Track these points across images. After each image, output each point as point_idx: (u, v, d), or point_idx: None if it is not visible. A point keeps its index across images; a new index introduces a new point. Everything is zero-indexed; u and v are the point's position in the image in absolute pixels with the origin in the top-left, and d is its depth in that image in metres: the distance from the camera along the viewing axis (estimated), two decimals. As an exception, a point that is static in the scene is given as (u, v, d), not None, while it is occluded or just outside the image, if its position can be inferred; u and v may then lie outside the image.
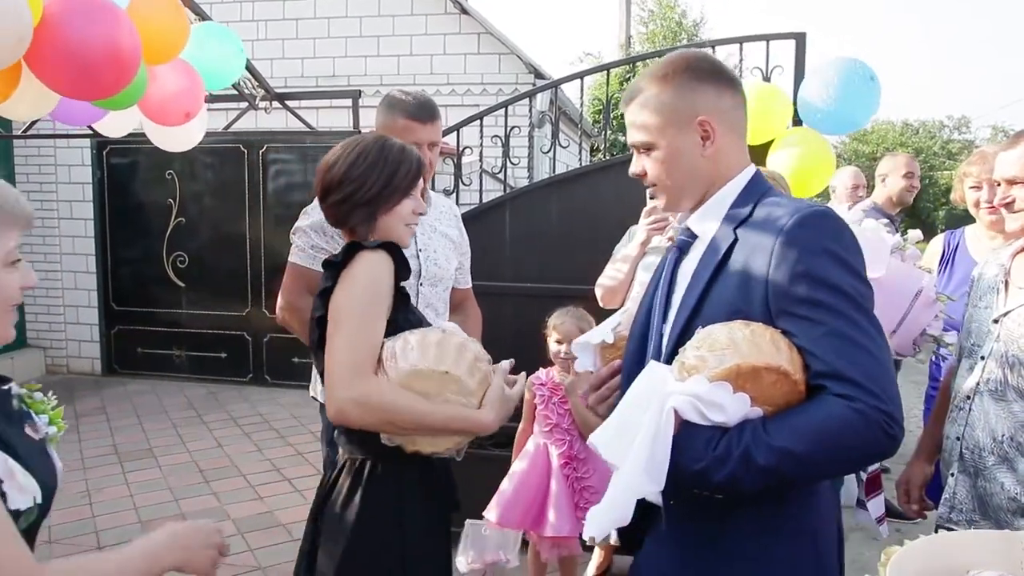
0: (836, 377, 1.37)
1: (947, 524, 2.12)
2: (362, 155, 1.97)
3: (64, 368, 8.53)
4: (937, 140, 23.37)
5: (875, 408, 1.34)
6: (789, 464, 1.36)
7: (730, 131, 1.61)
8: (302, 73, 8.09)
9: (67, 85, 2.87)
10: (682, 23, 23.18)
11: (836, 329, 1.40)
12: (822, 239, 1.45)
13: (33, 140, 7.76)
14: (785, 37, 4.00)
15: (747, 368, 1.38)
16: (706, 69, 1.61)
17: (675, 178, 1.62)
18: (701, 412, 1.38)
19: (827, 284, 1.42)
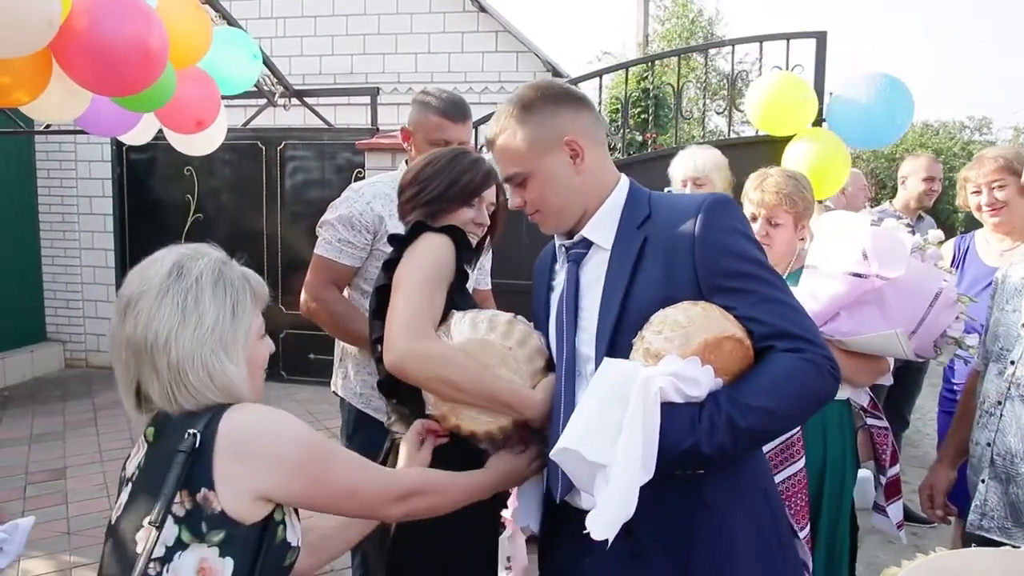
0: (781, 335, 1.55)
1: (978, 531, 2.08)
2: (433, 162, 2.08)
3: (83, 362, 8.60)
4: (957, 141, 23.12)
5: (821, 356, 1.54)
6: (768, 420, 1.52)
7: (594, 145, 1.72)
8: (320, 70, 8.11)
9: (94, 79, 2.88)
10: (697, 21, 23.06)
11: (767, 295, 1.58)
12: (733, 220, 1.64)
13: (54, 136, 7.83)
14: (806, 36, 3.99)
15: (712, 340, 1.50)
16: (560, 93, 1.72)
17: (555, 199, 1.72)
18: (680, 390, 1.47)
19: (747, 257, 1.61)
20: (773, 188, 2.60)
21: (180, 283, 1.43)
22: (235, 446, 1.36)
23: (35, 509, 4.72)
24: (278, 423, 1.43)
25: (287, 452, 1.40)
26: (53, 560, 4.07)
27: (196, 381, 1.40)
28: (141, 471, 1.43)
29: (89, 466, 5.53)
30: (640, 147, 12.69)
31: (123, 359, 1.44)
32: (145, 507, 1.36)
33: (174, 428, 1.40)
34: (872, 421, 2.64)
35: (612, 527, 1.40)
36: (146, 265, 1.48)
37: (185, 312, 1.41)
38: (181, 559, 1.33)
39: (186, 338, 1.40)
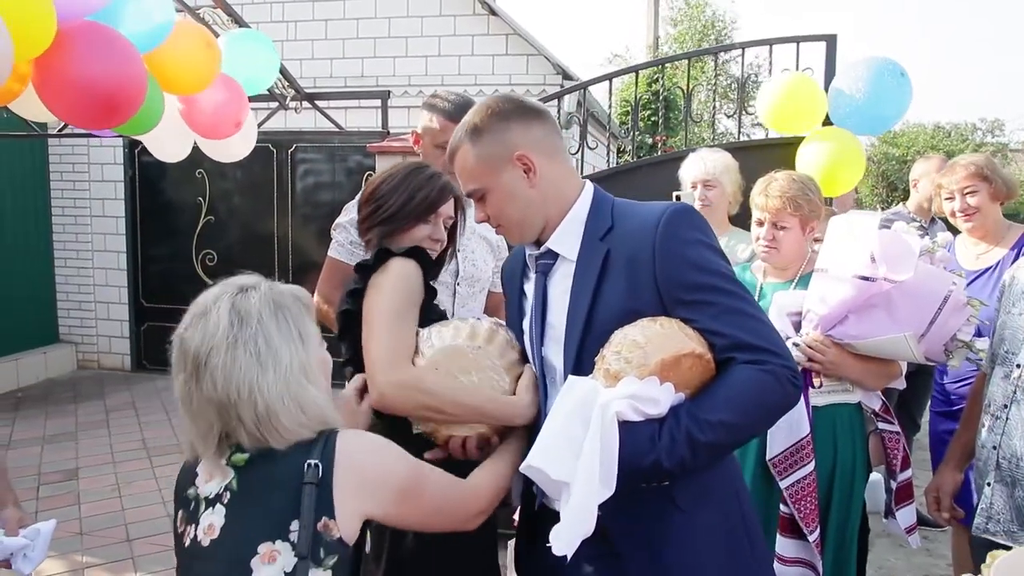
0: (742, 347, 1.56)
1: (984, 535, 2.08)
2: (389, 179, 2.12)
3: (95, 363, 8.65)
4: (969, 143, 22.98)
5: (781, 366, 1.55)
6: (727, 434, 1.54)
7: (549, 158, 1.73)
8: (331, 74, 8.13)
9: (68, 114, 2.91)
10: (712, 24, 23.04)
11: (728, 306, 1.58)
12: (693, 231, 1.63)
13: (67, 139, 7.88)
14: (816, 39, 3.98)
15: (669, 359, 1.52)
16: (509, 109, 1.74)
17: (514, 213, 1.74)
18: (638, 409, 1.50)
19: (708, 269, 1.60)
20: (777, 192, 2.59)
21: (245, 330, 1.41)
22: (354, 476, 1.41)
23: (48, 510, 4.75)
24: (384, 450, 1.50)
25: (393, 478, 1.47)
26: (66, 560, 4.10)
27: (288, 420, 1.41)
28: (237, 496, 1.42)
29: (101, 467, 5.56)
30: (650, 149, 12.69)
31: (205, 416, 1.43)
32: (258, 534, 1.38)
33: (281, 457, 1.42)
34: (884, 426, 2.63)
35: (572, 544, 1.46)
36: (199, 316, 1.46)
37: (260, 359, 1.40)
38: None
39: (269, 383, 1.40)
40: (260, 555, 1.36)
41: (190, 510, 1.47)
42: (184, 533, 1.47)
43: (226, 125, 3.80)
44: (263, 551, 1.36)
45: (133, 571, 4.03)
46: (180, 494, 1.52)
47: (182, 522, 1.48)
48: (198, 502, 1.46)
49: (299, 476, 1.39)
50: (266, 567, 1.35)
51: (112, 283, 8.56)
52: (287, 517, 1.38)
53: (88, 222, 8.55)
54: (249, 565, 1.36)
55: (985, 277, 3.10)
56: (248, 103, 3.95)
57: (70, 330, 8.70)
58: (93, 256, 8.58)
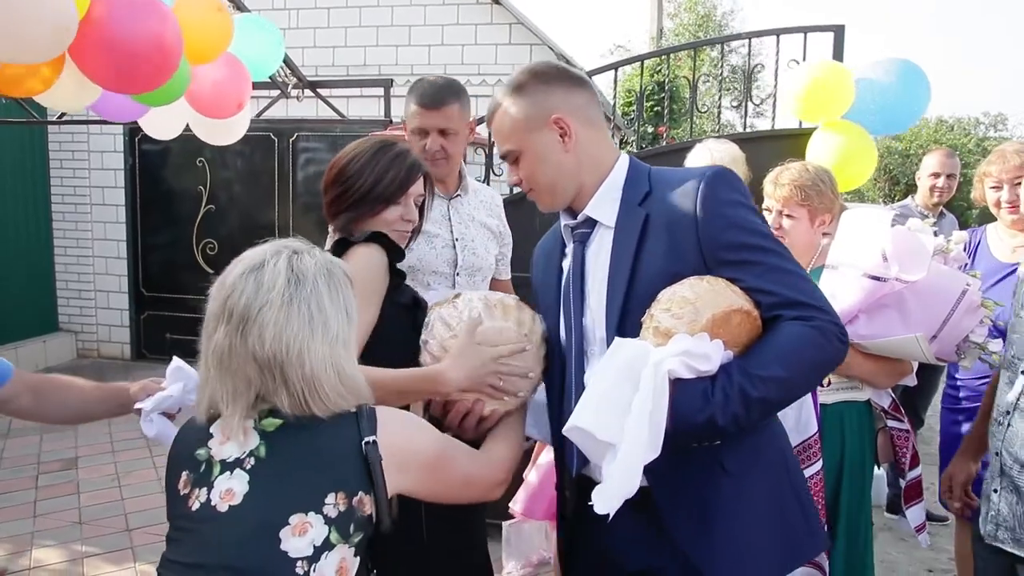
0: (788, 304, 1.56)
1: (992, 542, 2.03)
2: (355, 159, 2.07)
3: (95, 352, 8.63)
4: (972, 137, 22.98)
5: (828, 322, 1.56)
6: (779, 389, 1.53)
7: (587, 125, 1.74)
8: (333, 62, 8.09)
9: (108, 79, 2.89)
10: (710, 16, 22.99)
11: (772, 265, 1.59)
12: (734, 192, 1.63)
13: (67, 126, 7.85)
14: (823, 29, 3.95)
15: (720, 315, 1.51)
16: (552, 73, 1.75)
17: (545, 177, 1.74)
18: (691, 367, 1.49)
19: (750, 228, 1.61)
20: (787, 180, 2.56)
21: (301, 291, 1.41)
22: (392, 452, 1.42)
23: (47, 499, 4.74)
24: (414, 424, 1.54)
25: (424, 452, 1.50)
26: (65, 549, 4.08)
27: (329, 388, 1.40)
28: (265, 463, 1.39)
29: (100, 456, 5.54)
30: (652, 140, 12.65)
31: (244, 374, 1.40)
32: (291, 504, 1.36)
33: (321, 427, 1.41)
34: (893, 424, 2.60)
35: (615, 502, 1.45)
36: (252, 269, 1.44)
37: (312, 322, 1.40)
38: (327, 559, 1.35)
39: (318, 347, 1.40)
40: (291, 526, 1.34)
41: (200, 472, 1.42)
42: (189, 496, 1.41)
43: (228, 104, 3.76)
44: (294, 522, 1.34)
45: (132, 560, 4.01)
46: (186, 454, 1.46)
47: (186, 484, 1.43)
48: (211, 465, 1.42)
49: (343, 449, 1.39)
50: (296, 538, 1.33)
51: (112, 272, 8.53)
52: (324, 489, 1.36)
53: (88, 210, 8.52)
54: (277, 535, 1.33)
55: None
56: (251, 85, 3.92)
57: (70, 319, 8.68)
58: (93, 244, 8.55)
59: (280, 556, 1.32)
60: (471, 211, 2.72)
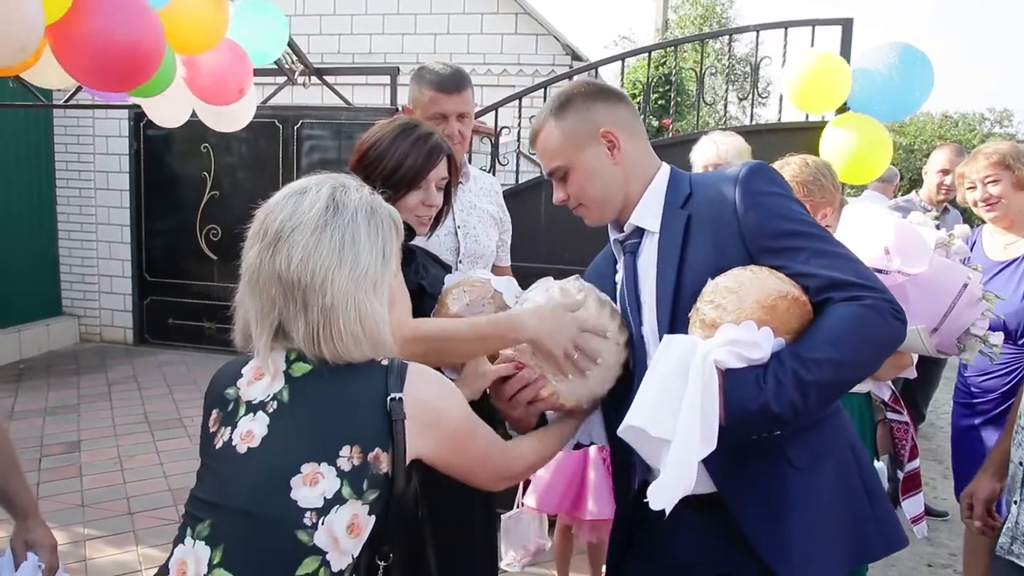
0: (837, 286, 1.54)
1: (1008, 556, 1.97)
2: (376, 144, 2.05)
3: (97, 336, 8.65)
4: (977, 133, 22.88)
5: (880, 299, 1.53)
6: (835, 371, 1.50)
7: (632, 137, 1.77)
8: (339, 50, 8.08)
9: (87, 76, 2.89)
10: (712, 8, 22.91)
11: (816, 249, 1.58)
12: (770, 184, 1.65)
13: (72, 111, 7.83)
14: (832, 23, 3.94)
15: (766, 302, 1.50)
16: (594, 90, 1.79)
17: (596, 191, 1.77)
18: (740, 355, 1.48)
19: (790, 217, 1.62)
20: (788, 176, 2.56)
21: (338, 219, 1.38)
22: (424, 414, 1.39)
23: (49, 481, 4.76)
24: (448, 389, 1.49)
25: (451, 420, 1.45)
26: (67, 532, 4.10)
27: (345, 324, 1.36)
28: (286, 408, 1.38)
29: (103, 439, 5.56)
30: (657, 132, 12.62)
31: (269, 294, 1.38)
32: (305, 453, 1.33)
33: (346, 378, 1.38)
34: (892, 416, 2.63)
35: (670, 500, 1.45)
36: (295, 193, 1.44)
37: (343, 251, 1.37)
38: (337, 513, 1.32)
39: (343, 278, 1.36)
40: (303, 475, 1.32)
41: (227, 411, 1.42)
42: (216, 434, 1.42)
43: (229, 91, 3.75)
44: (307, 471, 1.32)
45: (134, 544, 4.03)
46: (218, 392, 1.46)
47: (215, 422, 1.43)
48: (238, 404, 1.42)
49: (366, 402, 1.36)
50: (306, 488, 1.31)
51: (116, 256, 8.54)
52: (340, 441, 1.34)
53: (92, 195, 8.52)
54: (289, 483, 1.31)
55: (1012, 268, 3.05)
56: (252, 71, 3.90)
57: (73, 303, 8.69)
58: (97, 229, 8.56)
59: (290, 504, 1.31)
60: (472, 198, 2.73)
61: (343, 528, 1.32)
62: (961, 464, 3.25)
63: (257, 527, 1.32)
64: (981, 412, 3.12)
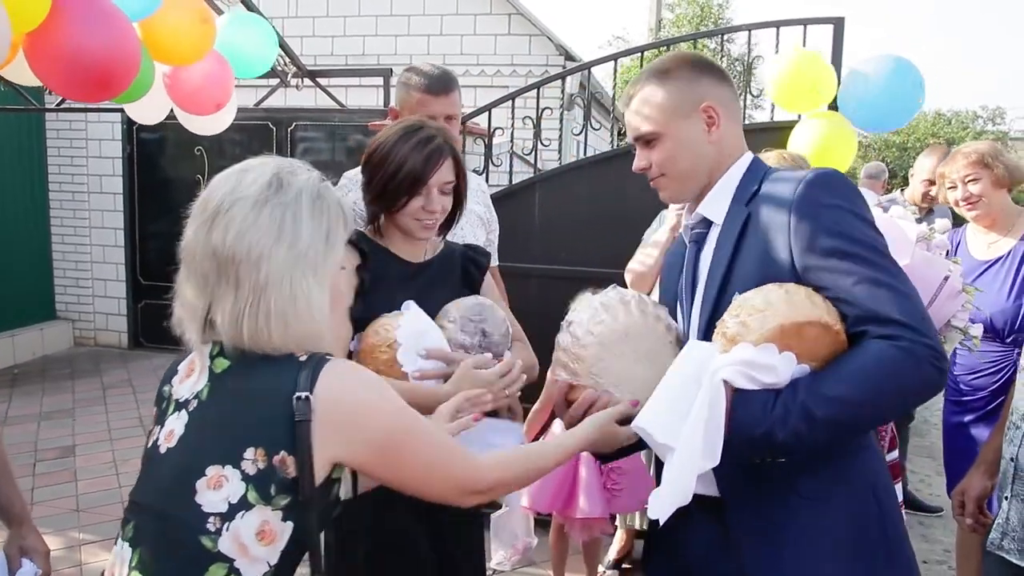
0: (875, 320, 1.41)
1: (997, 551, 1.98)
2: (379, 148, 2.02)
3: (92, 340, 8.63)
4: (970, 131, 22.95)
5: (920, 343, 1.38)
6: (847, 411, 1.40)
7: (730, 118, 1.69)
8: (332, 51, 8.08)
9: (62, 86, 2.89)
10: (707, 7, 22.94)
11: (864, 275, 1.44)
12: (832, 196, 1.51)
13: (65, 114, 7.82)
14: (823, 22, 3.94)
15: (789, 326, 1.41)
16: (704, 63, 1.71)
17: (683, 165, 1.68)
18: (752, 377, 1.42)
19: (846, 235, 1.47)
20: None
21: (280, 196, 1.32)
22: (337, 416, 1.27)
23: (44, 486, 4.75)
24: (374, 390, 1.34)
25: (376, 428, 1.31)
26: (62, 537, 4.09)
27: (276, 303, 1.28)
28: (203, 406, 1.32)
29: (98, 444, 5.55)
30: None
31: (202, 271, 1.31)
32: (210, 454, 1.26)
33: (257, 374, 1.30)
34: None
35: (665, 510, 1.44)
36: (239, 171, 1.37)
37: (282, 229, 1.30)
38: (243, 519, 1.24)
39: (280, 256, 1.29)
40: (207, 477, 1.24)
41: (161, 409, 1.39)
42: (151, 433, 1.38)
43: (206, 104, 3.75)
44: (211, 474, 1.24)
45: (129, 548, 4.02)
46: (159, 389, 1.43)
47: (153, 420, 1.40)
48: (169, 402, 1.38)
49: (272, 400, 1.25)
50: (210, 492, 1.24)
51: (109, 260, 8.52)
52: (244, 442, 1.25)
53: (85, 198, 8.50)
54: (194, 485, 1.24)
55: (996, 267, 3.07)
56: (233, 86, 3.90)
57: (67, 307, 8.67)
58: (91, 233, 8.54)
59: (195, 508, 1.24)
60: None
61: (252, 535, 1.25)
62: (952, 461, 3.28)
63: (165, 530, 1.28)
64: (971, 410, 3.15)
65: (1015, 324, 2.96)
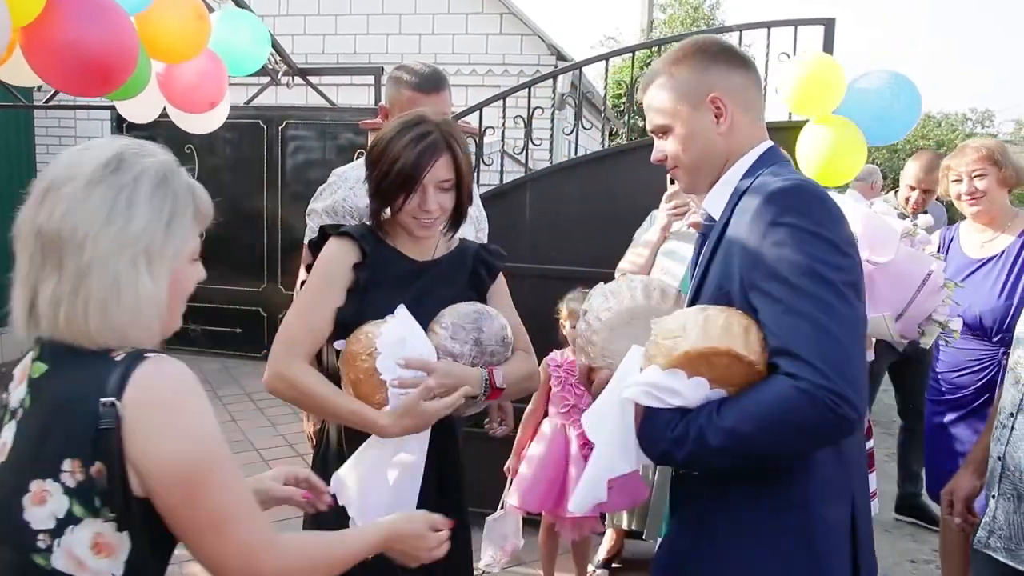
0: (786, 355, 1.36)
1: (984, 549, 2.00)
2: (378, 143, 1.99)
3: (80, 339, 8.57)
4: (959, 133, 23.10)
5: (821, 387, 1.31)
6: (739, 444, 1.38)
7: (743, 109, 1.63)
8: (323, 50, 8.06)
9: (60, 80, 2.87)
10: (699, 8, 23.03)
11: (792, 306, 1.37)
12: (787, 213, 1.43)
13: (54, 111, 7.79)
14: (814, 23, 3.96)
15: (695, 354, 1.40)
16: (715, 50, 1.65)
17: (692, 156, 1.65)
18: (658, 398, 1.44)
19: (787, 259, 1.40)
20: None
21: (117, 177, 1.22)
22: (144, 420, 1.15)
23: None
24: (191, 405, 1.19)
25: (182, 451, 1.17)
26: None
27: (98, 289, 1.18)
28: (27, 414, 1.22)
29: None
30: (642, 132, 12.66)
31: (29, 252, 1.24)
32: (33, 467, 1.16)
33: (71, 377, 1.19)
34: None
35: (583, 506, 1.55)
36: (82, 148, 1.29)
37: (113, 211, 1.20)
38: (75, 534, 1.15)
39: (107, 239, 1.19)
40: (32, 493, 1.15)
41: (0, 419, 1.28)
42: None
43: (200, 102, 3.74)
44: (34, 489, 1.15)
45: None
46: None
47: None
48: (5, 410, 1.27)
49: (83, 407, 1.14)
50: (36, 508, 1.15)
51: (99, 258, 8.47)
52: (60, 454, 1.15)
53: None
54: (21, 502, 1.16)
55: (989, 266, 3.07)
56: (227, 85, 3.89)
57: (56, 305, 8.61)
58: (80, 230, 8.49)
59: (23, 526, 1.16)
60: None
61: (85, 549, 1.16)
62: (935, 460, 3.28)
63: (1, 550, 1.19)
64: (955, 408, 3.16)
65: (1004, 323, 2.97)
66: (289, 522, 2.67)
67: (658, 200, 3.08)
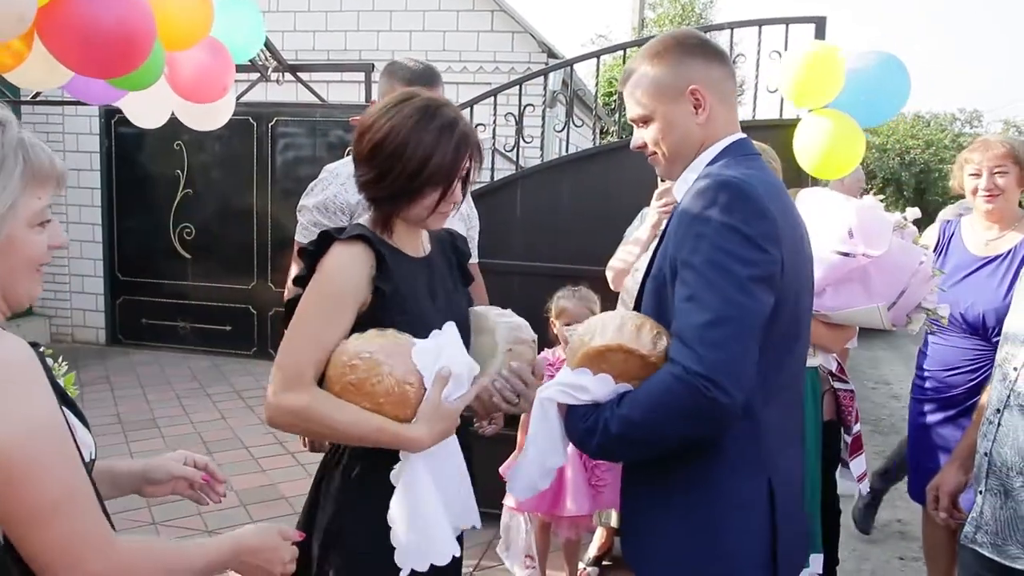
0: (677, 339, 1.48)
1: (971, 545, 2.01)
2: (392, 133, 1.71)
3: (69, 337, 8.54)
4: (948, 133, 23.14)
5: (694, 372, 1.41)
6: (633, 430, 1.52)
7: (720, 100, 1.70)
8: (313, 46, 8.03)
9: (77, 61, 2.85)
10: (689, 7, 23.06)
11: (695, 294, 1.47)
12: (712, 207, 1.52)
13: (41, 107, 7.72)
14: (805, 21, 3.97)
15: (593, 352, 1.56)
16: (694, 43, 1.72)
17: (670, 145, 1.72)
18: (572, 395, 1.60)
19: (703, 251, 1.49)
20: None
21: None
22: None
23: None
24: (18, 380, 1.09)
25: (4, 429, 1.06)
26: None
27: None
28: None
29: (74, 441, 5.49)
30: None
31: None
32: None
33: None
34: (839, 384, 2.88)
35: (516, 492, 1.76)
36: None
37: None
38: None
39: None
40: None
41: None
42: None
43: (213, 88, 3.71)
44: None
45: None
46: None
47: None
48: None
49: None
50: None
51: (87, 256, 8.43)
52: None
53: (63, 193, 8.38)
54: None
55: (994, 264, 2.99)
56: (234, 68, 3.87)
57: (44, 303, 8.56)
58: (68, 228, 8.43)
59: None
60: None
61: None
62: (919, 459, 3.23)
63: None
64: (944, 407, 3.10)
65: None
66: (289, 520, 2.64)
67: (649, 197, 3.08)
